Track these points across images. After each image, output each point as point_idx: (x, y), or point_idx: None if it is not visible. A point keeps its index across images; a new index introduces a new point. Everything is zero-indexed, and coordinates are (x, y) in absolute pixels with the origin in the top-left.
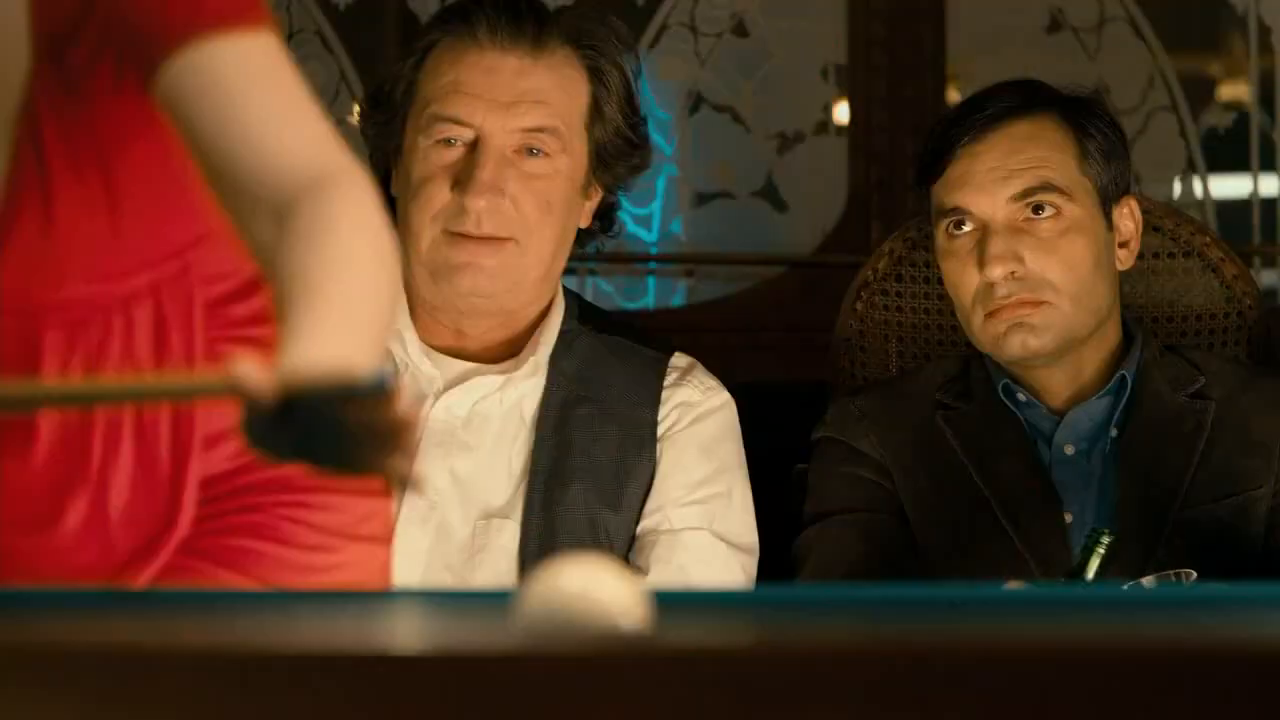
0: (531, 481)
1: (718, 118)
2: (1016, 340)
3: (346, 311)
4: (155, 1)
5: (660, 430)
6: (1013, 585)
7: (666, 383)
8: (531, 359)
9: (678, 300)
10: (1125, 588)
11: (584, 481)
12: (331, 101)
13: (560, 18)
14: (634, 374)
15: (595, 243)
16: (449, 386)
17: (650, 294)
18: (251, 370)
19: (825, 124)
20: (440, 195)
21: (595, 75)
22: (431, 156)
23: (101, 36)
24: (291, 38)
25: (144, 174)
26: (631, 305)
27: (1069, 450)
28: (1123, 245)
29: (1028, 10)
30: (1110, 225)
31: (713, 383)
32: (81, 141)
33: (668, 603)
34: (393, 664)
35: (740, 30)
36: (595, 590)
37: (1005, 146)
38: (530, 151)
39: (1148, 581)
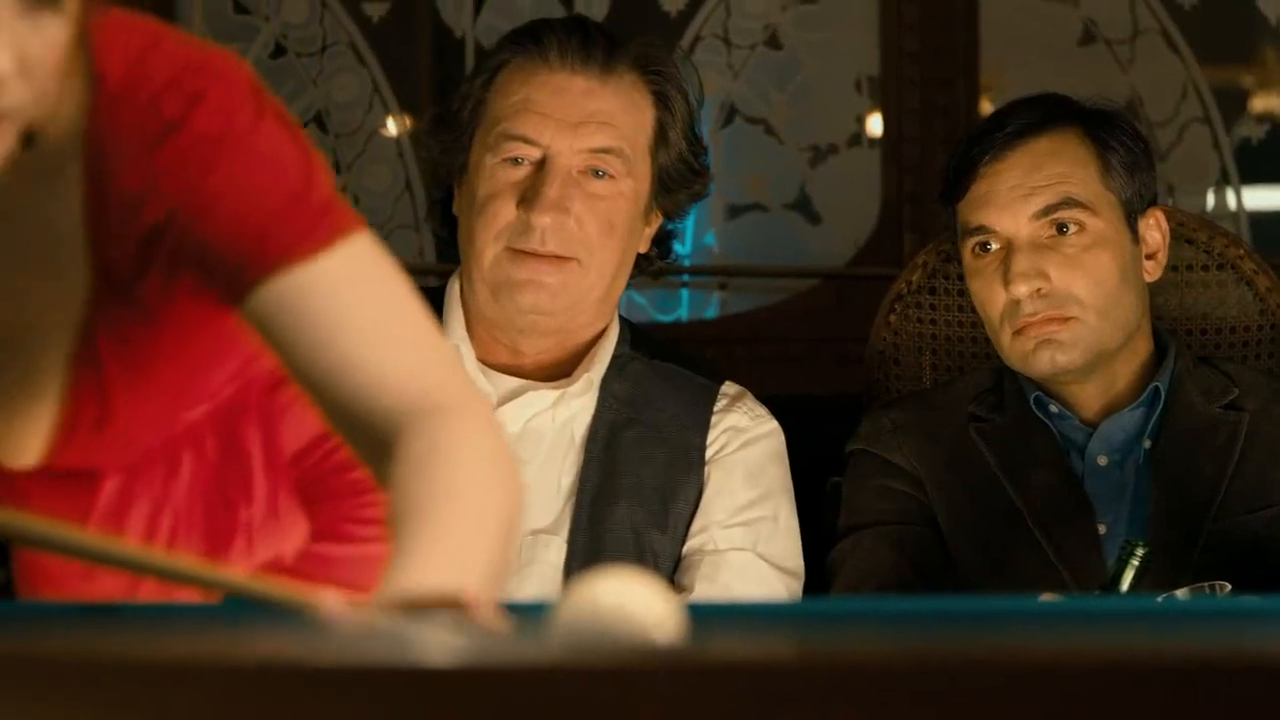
0: (579, 499)
1: (751, 130)
2: (1045, 356)
3: (460, 541)
4: (241, 230)
5: (709, 454)
6: (1047, 598)
7: (716, 409)
8: (586, 375)
9: (711, 313)
10: (1159, 600)
11: (631, 501)
12: (365, 114)
13: (628, 44)
14: (684, 399)
15: (651, 268)
16: (502, 402)
17: (684, 306)
18: (335, 606)
19: (858, 136)
20: (505, 212)
21: (661, 101)
22: (498, 174)
23: (173, 265)
24: (324, 50)
25: (206, 349)
26: (665, 318)
27: (1102, 461)
28: (1150, 257)
29: (1061, 22)
30: (1136, 238)
31: (761, 411)
32: (141, 348)
33: (702, 616)
34: (428, 677)
35: (773, 42)
36: (630, 603)
37: (1027, 163)
38: (596, 173)
39: (1181, 593)
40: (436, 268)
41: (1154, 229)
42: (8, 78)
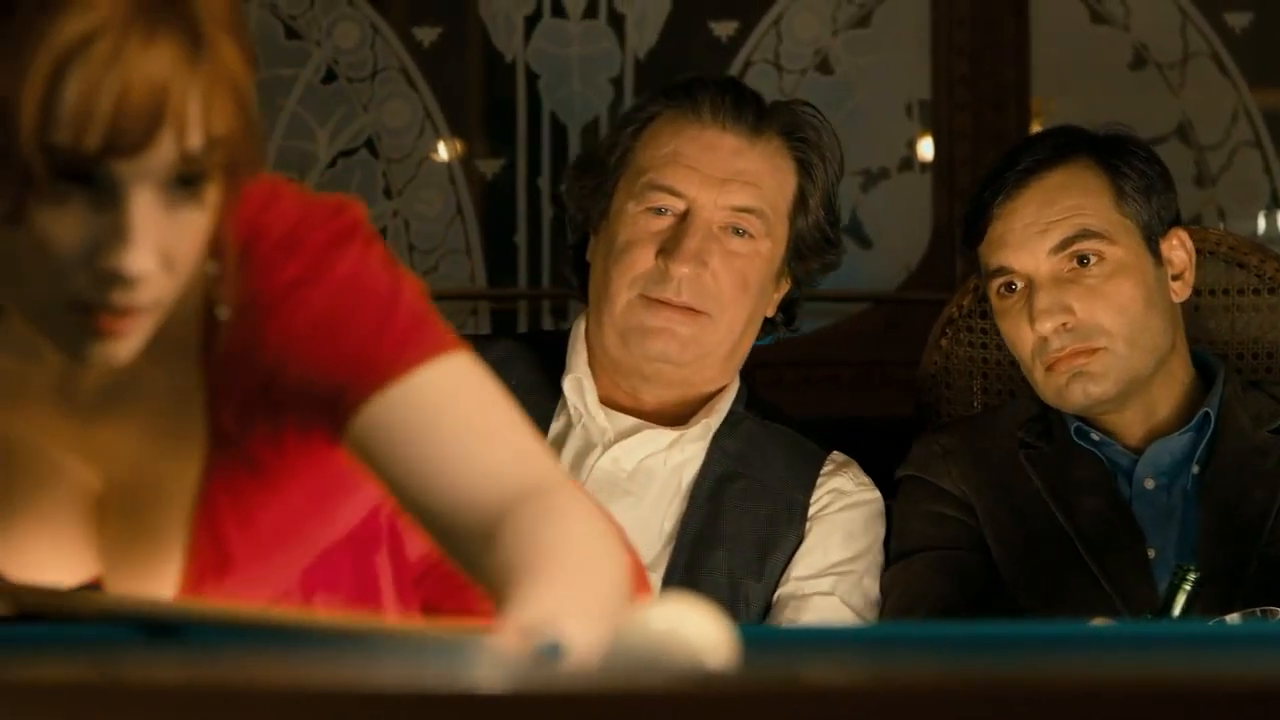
0: (679, 542)
1: None
2: (1078, 390)
3: (574, 583)
4: (333, 359)
5: (811, 511)
6: (1099, 622)
7: (823, 471)
8: (705, 422)
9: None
10: (1211, 625)
11: (729, 548)
12: (416, 138)
13: (779, 108)
14: (792, 460)
15: (776, 333)
16: (619, 439)
17: None
18: (501, 640)
19: (909, 160)
20: (644, 260)
21: (804, 168)
22: (640, 222)
23: (276, 411)
24: (375, 75)
25: (321, 497)
26: None
27: (1149, 485)
28: (1176, 278)
29: (1112, 46)
30: (1159, 260)
31: (866, 480)
32: (256, 503)
33: (753, 641)
34: (482, 702)
35: (824, 67)
36: (683, 628)
37: (1039, 199)
38: (736, 231)
39: (1233, 619)
40: (488, 292)
41: (1178, 249)
42: (151, 273)
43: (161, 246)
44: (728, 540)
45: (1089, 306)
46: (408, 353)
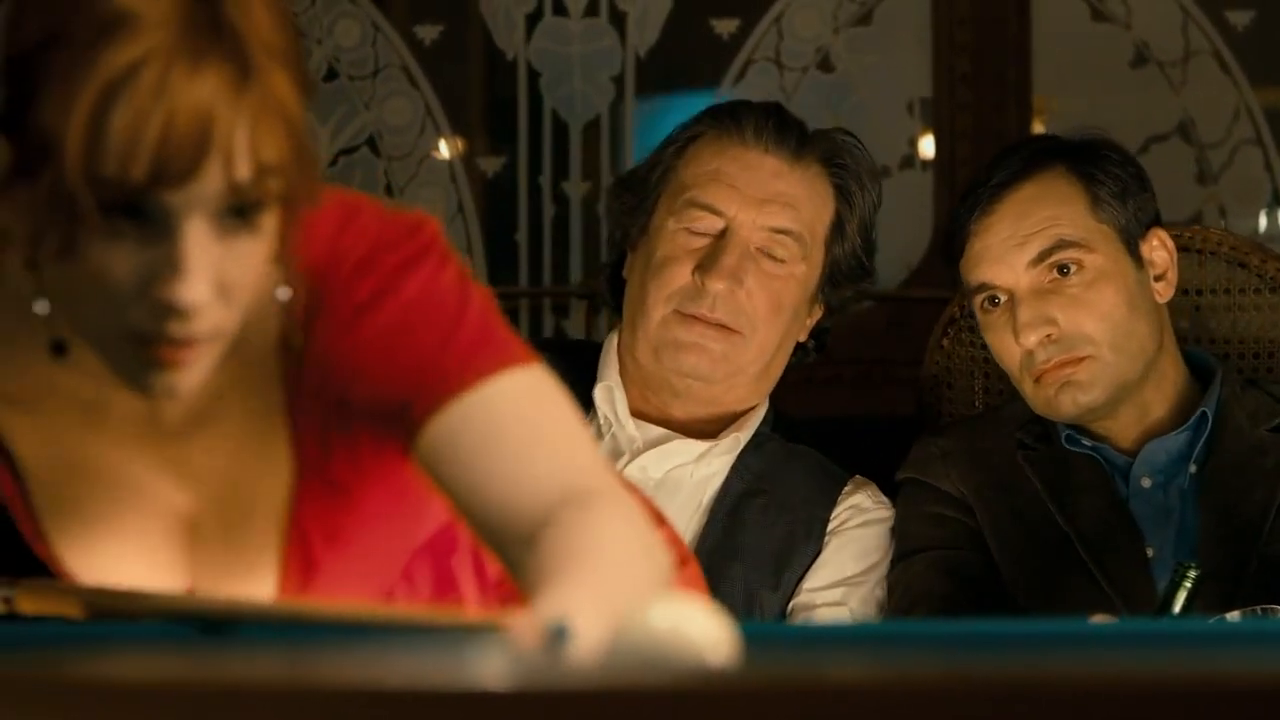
0: (697, 554)
1: None
2: (1067, 399)
3: (601, 580)
4: (401, 372)
5: (830, 527)
6: (1100, 618)
7: (844, 490)
8: (734, 435)
9: None
10: (1211, 623)
11: (747, 562)
12: (417, 137)
13: (821, 135)
14: (814, 479)
15: (806, 359)
16: (648, 448)
17: None
18: (524, 629)
19: (910, 158)
20: (680, 276)
21: (842, 195)
22: (679, 239)
23: (354, 431)
24: (376, 73)
25: (400, 516)
26: None
27: (1145, 483)
28: (1158, 279)
29: (1113, 44)
30: (1140, 263)
31: (884, 499)
32: (341, 521)
33: (755, 639)
34: (483, 700)
35: (825, 65)
36: (685, 626)
37: (1014, 213)
38: (772, 253)
39: (1233, 617)
40: (489, 290)
41: (1158, 249)
42: (207, 304)
43: (216, 276)
44: (745, 554)
45: (1072, 316)
46: (473, 367)
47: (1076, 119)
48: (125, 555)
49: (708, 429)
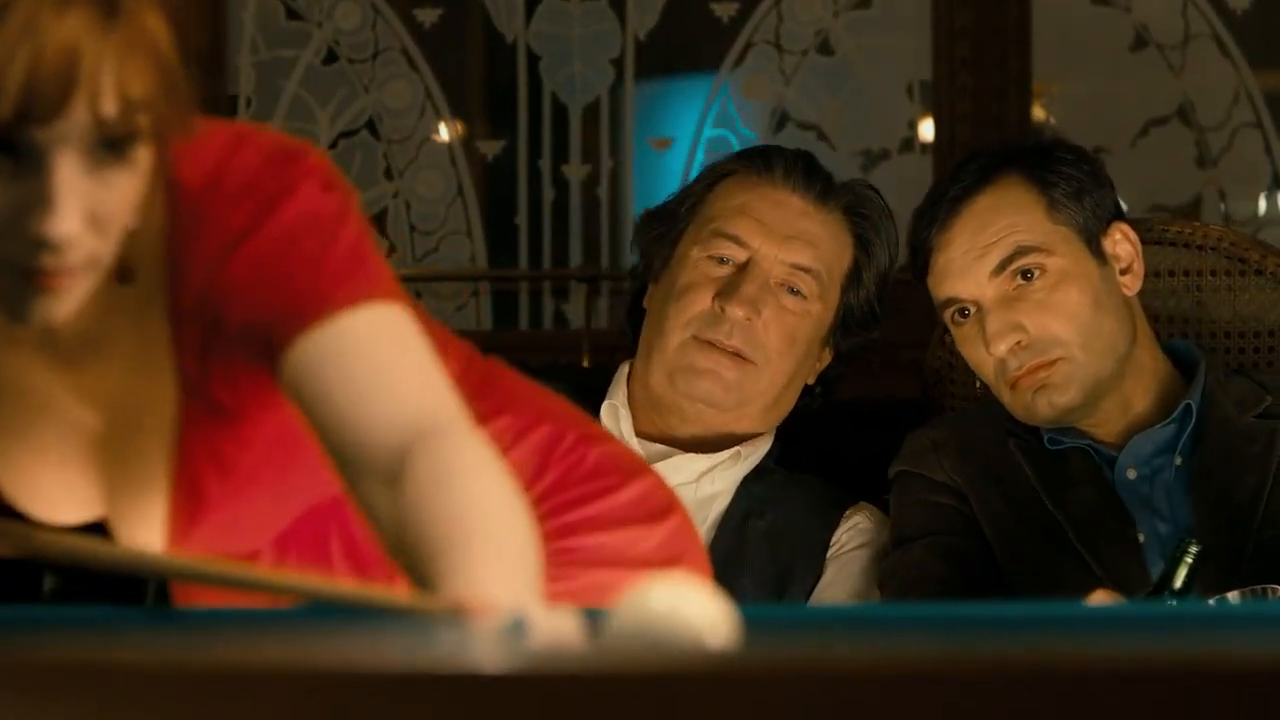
0: None
1: (803, 135)
2: (1044, 402)
3: (498, 553)
4: (269, 304)
5: (831, 551)
6: (1100, 596)
7: (845, 513)
8: (736, 450)
9: None
10: (1211, 603)
11: (747, 583)
12: (417, 120)
13: (844, 186)
14: (816, 504)
15: (813, 404)
16: (649, 463)
17: None
18: (475, 609)
19: (910, 141)
20: (700, 303)
21: (861, 244)
22: (701, 267)
23: (229, 355)
24: (376, 56)
25: (294, 446)
26: None
27: (1130, 475)
28: (1124, 272)
29: (1112, 27)
30: (1103, 260)
31: (885, 519)
32: (227, 448)
33: (754, 620)
34: (481, 683)
35: (825, 48)
36: (683, 608)
37: (973, 225)
38: (791, 289)
39: (1233, 597)
40: (489, 273)
41: (1121, 243)
42: (77, 236)
43: (88, 208)
44: (747, 575)
45: (1039, 321)
46: (336, 295)
47: (1076, 102)
48: (42, 469)
49: (710, 449)
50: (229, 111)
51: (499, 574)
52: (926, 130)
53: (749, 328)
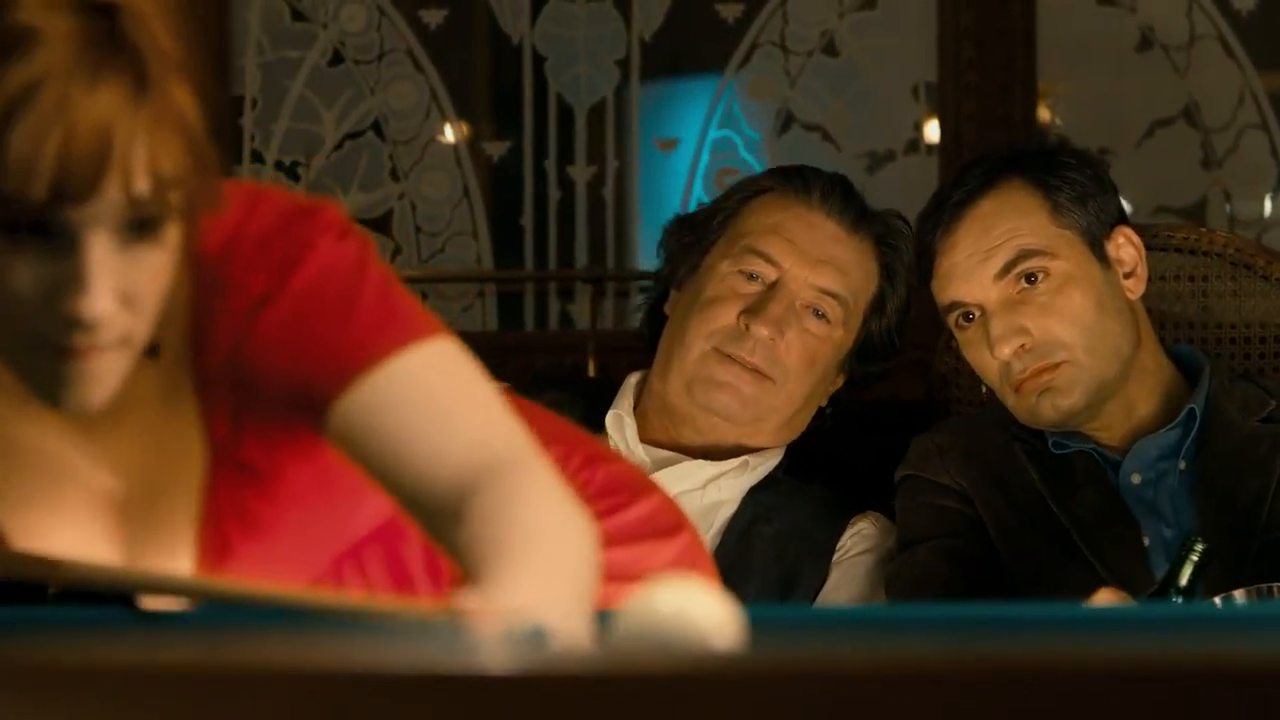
0: None
1: (808, 136)
2: (1048, 405)
3: (543, 568)
4: (305, 366)
5: (835, 556)
6: (1104, 595)
7: (852, 519)
8: (744, 459)
9: None
10: (1217, 601)
11: (758, 584)
12: (422, 121)
13: (877, 215)
14: (822, 511)
15: (825, 424)
16: (655, 470)
17: None
18: (479, 616)
19: (915, 143)
20: (725, 316)
21: (888, 274)
22: (730, 281)
23: (265, 418)
24: (382, 57)
25: (322, 501)
26: None
27: (1135, 479)
28: (1128, 276)
29: (1118, 28)
30: (1107, 263)
31: (890, 525)
32: (257, 508)
33: (760, 622)
34: (486, 684)
35: (830, 49)
36: (689, 610)
37: (976, 229)
38: (816, 312)
39: (1240, 594)
40: (494, 275)
41: (1125, 247)
42: (111, 315)
43: (120, 287)
44: (751, 580)
45: (1043, 324)
46: (374, 345)
47: (1081, 103)
48: (62, 533)
49: (718, 459)
50: (235, 113)
51: (540, 587)
52: (932, 131)
53: (771, 347)
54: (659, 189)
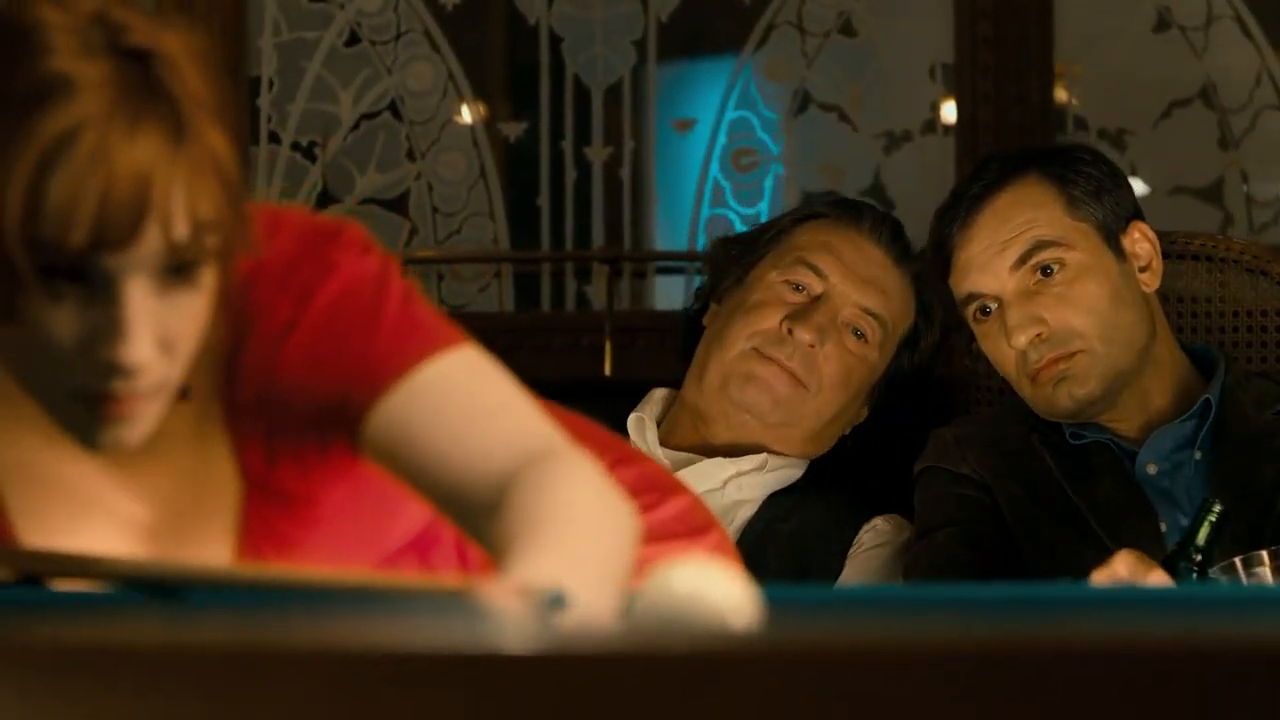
0: None
1: (825, 117)
2: (1064, 393)
3: (573, 547)
4: (333, 384)
5: (851, 551)
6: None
7: (869, 518)
8: (763, 455)
9: None
10: (1238, 560)
11: (772, 577)
12: (439, 101)
13: (919, 254)
14: (840, 512)
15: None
16: (675, 471)
17: None
18: (497, 594)
19: (932, 123)
20: (769, 320)
21: (925, 313)
22: (776, 289)
23: (298, 443)
24: (398, 38)
25: (357, 514)
26: None
27: (1151, 470)
28: (1143, 270)
29: (1135, 9)
30: (1122, 256)
31: (906, 524)
32: (292, 534)
33: (777, 601)
34: (503, 663)
35: (847, 29)
36: (706, 590)
37: (993, 222)
38: (856, 332)
39: (1265, 556)
40: (511, 255)
41: (1140, 241)
42: (150, 362)
43: (158, 332)
44: (771, 571)
45: (1058, 313)
46: (405, 353)
47: (1098, 84)
48: None
49: (738, 455)
50: (252, 93)
51: (568, 564)
52: (949, 112)
53: (811, 354)
54: (676, 170)
